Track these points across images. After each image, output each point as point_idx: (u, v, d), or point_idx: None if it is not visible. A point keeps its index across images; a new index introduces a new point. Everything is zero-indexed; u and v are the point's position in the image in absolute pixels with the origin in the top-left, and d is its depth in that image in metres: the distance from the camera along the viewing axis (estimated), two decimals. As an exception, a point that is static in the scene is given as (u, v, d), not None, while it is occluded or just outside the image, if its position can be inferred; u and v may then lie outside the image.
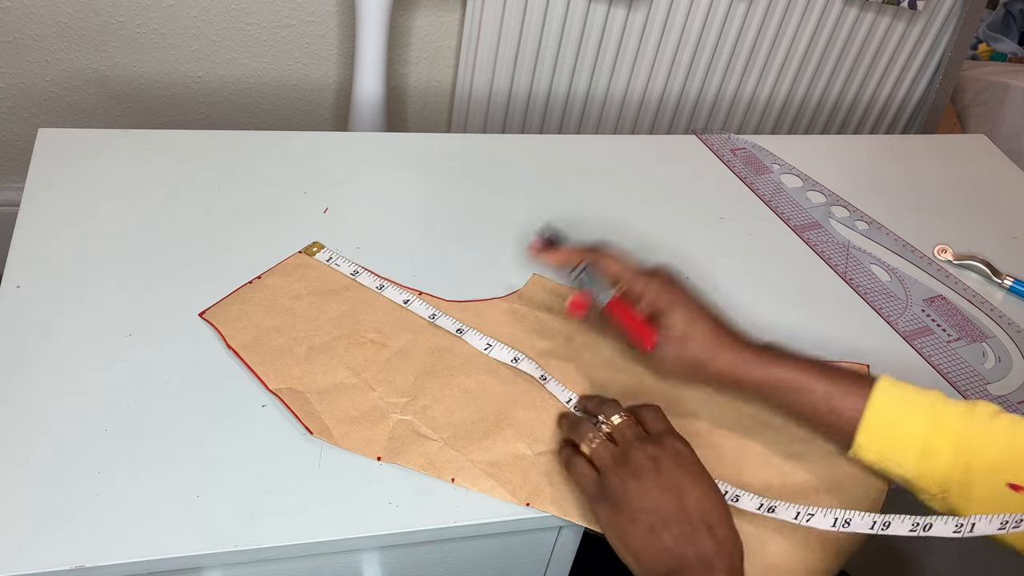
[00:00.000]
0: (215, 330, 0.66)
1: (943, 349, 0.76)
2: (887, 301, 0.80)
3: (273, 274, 0.71)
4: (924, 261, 0.85)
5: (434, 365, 0.66)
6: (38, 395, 0.59)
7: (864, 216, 0.90)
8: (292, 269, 0.72)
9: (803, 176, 0.94)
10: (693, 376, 0.63)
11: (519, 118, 1.50)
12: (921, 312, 0.80)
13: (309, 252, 0.73)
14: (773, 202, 0.90)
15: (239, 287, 0.69)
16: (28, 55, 1.31)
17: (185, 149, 0.82)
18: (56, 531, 0.52)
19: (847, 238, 0.87)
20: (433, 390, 0.64)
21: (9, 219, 0.71)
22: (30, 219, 0.72)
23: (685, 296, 0.63)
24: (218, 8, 1.32)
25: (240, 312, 0.67)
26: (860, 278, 0.82)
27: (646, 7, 1.40)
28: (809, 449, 0.64)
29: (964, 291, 0.83)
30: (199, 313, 0.67)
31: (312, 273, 0.72)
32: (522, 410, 0.64)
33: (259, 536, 0.54)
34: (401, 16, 1.40)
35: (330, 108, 1.50)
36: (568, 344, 0.70)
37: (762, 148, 0.97)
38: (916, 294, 0.81)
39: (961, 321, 0.79)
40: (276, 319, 0.67)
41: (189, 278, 0.70)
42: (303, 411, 0.61)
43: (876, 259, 0.85)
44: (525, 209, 0.83)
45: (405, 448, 0.60)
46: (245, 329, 0.66)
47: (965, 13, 1.53)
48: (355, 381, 0.64)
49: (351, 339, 0.67)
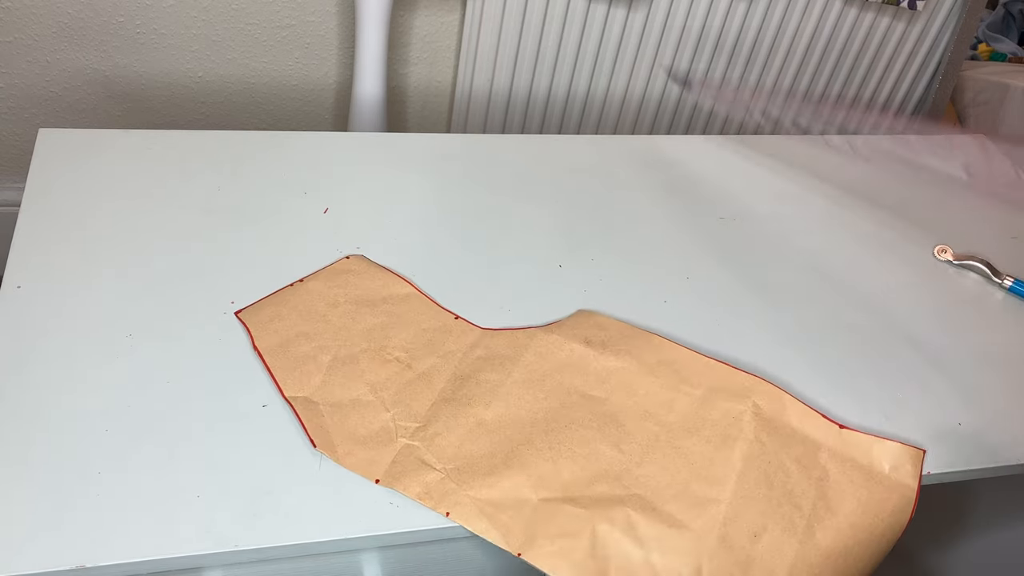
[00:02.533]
0: (245, 330, 0.66)
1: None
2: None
3: (315, 279, 0.71)
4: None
5: (454, 393, 0.64)
6: (38, 395, 0.59)
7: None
8: (335, 275, 0.72)
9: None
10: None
11: (519, 118, 1.50)
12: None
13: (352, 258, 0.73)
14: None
15: (279, 289, 0.70)
16: (28, 55, 1.31)
17: (185, 149, 0.82)
18: (56, 531, 0.52)
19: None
20: (447, 418, 0.63)
21: (9, 219, 0.72)
22: (30, 219, 0.72)
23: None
24: (218, 8, 1.32)
25: (274, 314, 0.67)
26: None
27: (646, 7, 1.40)
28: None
29: (964, 291, 0.83)
30: (235, 312, 0.67)
31: (355, 280, 0.71)
32: (535, 451, 0.61)
33: (259, 536, 0.54)
34: (401, 16, 1.40)
35: (330, 108, 1.50)
36: (602, 384, 0.67)
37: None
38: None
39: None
40: (307, 325, 0.67)
41: (189, 278, 0.70)
42: (312, 423, 0.61)
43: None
44: (525, 209, 0.83)
45: (405, 475, 0.59)
46: (275, 332, 0.66)
47: (965, 13, 1.53)
48: (371, 399, 0.63)
49: (377, 355, 0.66)
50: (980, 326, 0.80)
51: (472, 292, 0.73)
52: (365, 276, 0.72)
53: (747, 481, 0.62)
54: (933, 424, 0.69)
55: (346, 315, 0.68)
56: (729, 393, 0.67)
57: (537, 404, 0.65)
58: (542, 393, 0.65)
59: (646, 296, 0.76)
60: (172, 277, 0.69)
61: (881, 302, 0.80)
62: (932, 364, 0.75)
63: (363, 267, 0.73)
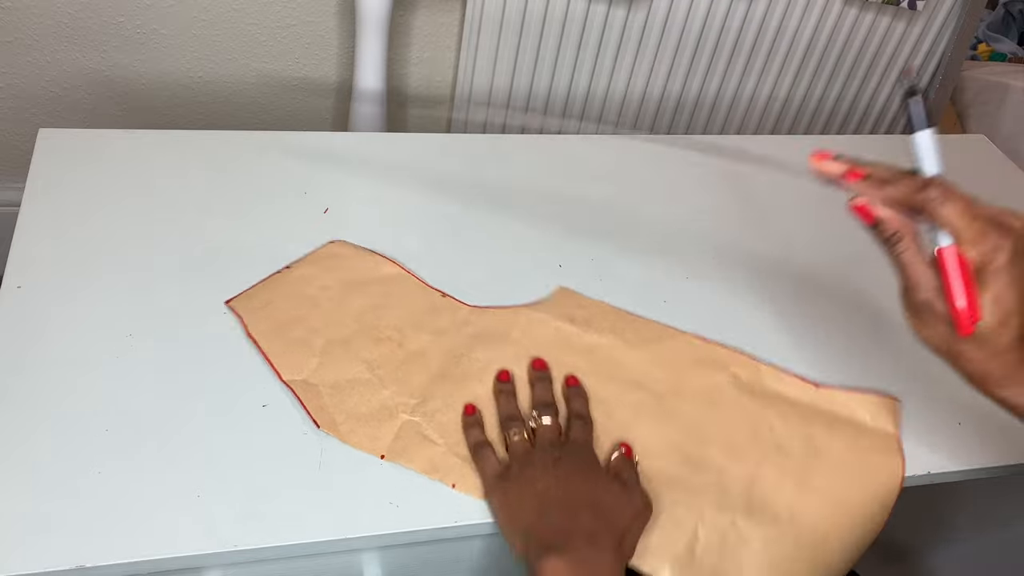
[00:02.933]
0: (238, 318, 0.66)
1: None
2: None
3: (303, 264, 0.72)
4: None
5: (450, 370, 0.66)
6: (38, 395, 0.59)
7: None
8: (323, 259, 0.72)
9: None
10: (974, 378, 0.52)
11: (519, 118, 1.50)
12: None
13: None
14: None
15: (267, 276, 0.70)
16: (28, 55, 1.31)
17: (185, 149, 0.82)
18: (56, 531, 0.52)
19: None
20: (444, 394, 0.64)
21: (9, 219, 0.71)
22: (30, 219, 0.72)
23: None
24: (218, 8, 1.32)
25: (265, 301, 0.68)
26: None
27: (646, 7, 1.40)
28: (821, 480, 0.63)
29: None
30: (226, 302, 0.67)
31: (342, 263, 0.72)
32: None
33: (259, 536, 0.54)
34: (401, 16, 1.40)
35: (330, 108, 1.50)
36: (588, 358, 0.69)
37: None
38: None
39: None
40: (299, 310, 0.68)
41: (189, 278, 0.70)
42: (313, 404, 0.61)
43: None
44: (525, 209, 0.83)
45: (409, 449, 0.60)
46: (267, 318, 0.66)
47: (965, 13, 1.53)
48: (368, 376, 0.64)
49: (370, 334, 0.67)
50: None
51: (472, 291, 0.73)
52: (352, 258, 0.73)
53: (736, 439, 0.64)
54: (933, 424, 0.69)
55: (335, 298, 0.69)
56: (708, 365, 0.69)
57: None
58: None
59: (646, 296, 0.76)
60: (172, 277, 0.69)
61: (881, 302, 0.80)
62: (932, 364, 0.75)
63: (349, 251, 0.74)
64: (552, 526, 0.54)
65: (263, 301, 0.68)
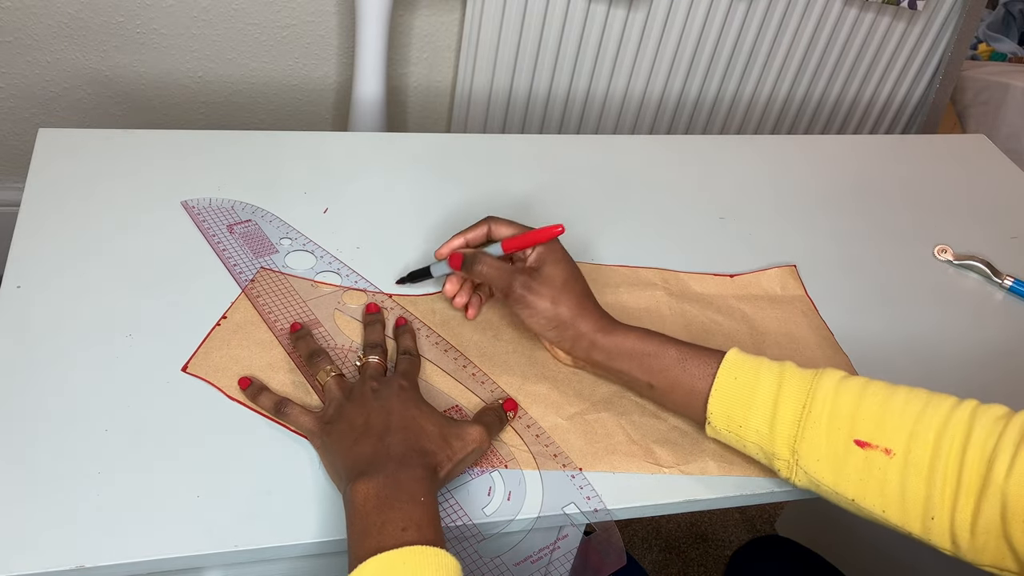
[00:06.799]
0: (208, 383, 0.62)
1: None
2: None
3: (236, 310, 0.68)
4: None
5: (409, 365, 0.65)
6: (38, 395, 0.59)
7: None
8: (252, 299, 0.69)
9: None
10: (555, 332, 0.64)
11: (519, 118, 1.50)
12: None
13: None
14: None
15: (210, 331, 0.66)
16: (28, 55, 1.31)
17: (185, 149, 0.82)
18: (56, 531, 0.52)
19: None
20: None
21: (9, 219, 0.71)
22: (30, 219, 0.72)
23: (569, 259, 0.66)
24: (218, 8, 1.32)
25: (226, 356, 0.64)
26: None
27: (646, 7, 1.40)
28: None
29: (964, 291, 0.83)
30: (182, 369, 0.63)
31: (273, 299, 0.69)
32: (496, 378, 0.67)
33: (259, 536, 0.54)
34: (401, 16, 1.40)
35: (330, 108, 1.50)
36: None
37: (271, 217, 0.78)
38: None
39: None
40: (260, 355, 0.65)
41: (189, 278, 0.70)
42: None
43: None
44: (525, 209, 0.83)
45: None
46: (236, 375, 0.63)
47: (965, 13, 1.53)
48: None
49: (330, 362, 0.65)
50: (980, 326, 0.80)
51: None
52: (279, 291, 0.70)
53: (694, 340, 0.68)
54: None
55: (283, 333, 0.66)
56: (640, 285, 0.77)
57: (471, 335, 0.70)
58: (470, 322, 0.71)
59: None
60: (172, 277, 0.69)
61: (881, 302, 0.80)
62: (932, 363, 0.75)
63: (275, 276, 0.71)
64: (363, 454, 0.55)
65: (224, 358, 0.64)
